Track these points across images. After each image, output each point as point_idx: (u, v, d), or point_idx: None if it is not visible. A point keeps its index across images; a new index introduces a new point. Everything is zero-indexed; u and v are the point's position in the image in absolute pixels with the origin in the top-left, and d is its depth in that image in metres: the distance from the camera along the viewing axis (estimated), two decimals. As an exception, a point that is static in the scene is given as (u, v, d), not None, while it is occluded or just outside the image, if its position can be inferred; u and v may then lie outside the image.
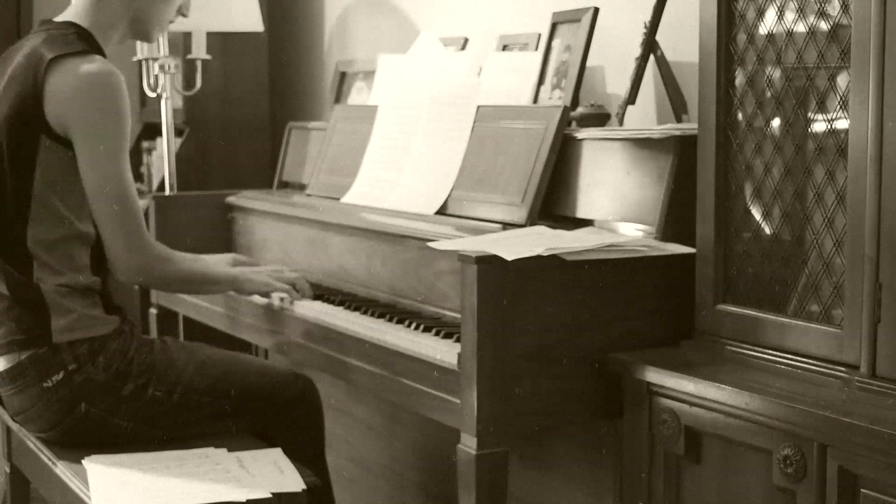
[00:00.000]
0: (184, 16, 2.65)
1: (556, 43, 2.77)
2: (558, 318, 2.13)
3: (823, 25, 1.91)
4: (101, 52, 2.44)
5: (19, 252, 2.40)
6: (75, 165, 2.36)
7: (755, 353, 2.04)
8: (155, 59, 3.65)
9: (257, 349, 3.57)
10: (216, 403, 2.48)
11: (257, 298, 2.79)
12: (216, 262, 2.78)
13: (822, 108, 1.92)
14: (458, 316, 2.15)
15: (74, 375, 2.38)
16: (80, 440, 2.40)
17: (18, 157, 2.38)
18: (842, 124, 1.88)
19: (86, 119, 2.35)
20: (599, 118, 2.64)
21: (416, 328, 2.34)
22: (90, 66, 2.35)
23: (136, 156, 4.53)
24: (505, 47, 3.00)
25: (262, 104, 4.33)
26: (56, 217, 2.40)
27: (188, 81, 3.87)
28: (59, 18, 2.49)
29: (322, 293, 2.73)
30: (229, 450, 2.37)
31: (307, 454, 2.45)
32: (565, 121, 2.48)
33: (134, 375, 2.41)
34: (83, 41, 2.42)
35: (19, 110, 2.37)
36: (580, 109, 2.65)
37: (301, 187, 3.39)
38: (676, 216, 2.22)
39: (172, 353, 2.49)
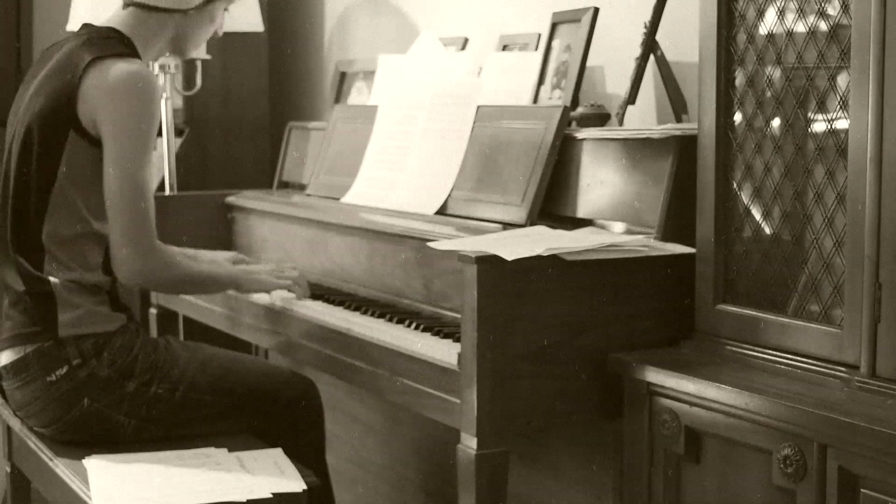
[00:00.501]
0: (217, 35, 2.68)
1: (556, 43, 2.77)
2: (558, 318, 2.13)
3: (823, 25, 1.91)
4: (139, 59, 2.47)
5: (33, 244, 2.42)
6: (101, 164, 2.38)
7: (755, 353, 2.04)
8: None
9: (257, 349, 3.57)
10: (217, 403, 2.48)
11: (257, 297, 2.79)
12: (216, 260, 2.78)
13: (822, 108, 1.92)
14: (458, 316, 2.15)
15: (78, 370, 2.38)
16: (82, 436, 2.41)
17: (46, 151, 2.40)
18: (842, 124, 1.88)
19: (116, 116, 2.37)
20: (599, 118, 2.64)
21: (416, 328, 2.34)
22: (128, 66, 2.39)
23: (137, 156, 4.54)
24: (505, 47, 3.01)
25: (262, 104, 4.33)
26: (74, 214, 2.41)
27: (188, 81, 3.87)
28: (100, 24, 2.52)
29: (322, 293, 2.73)
30: (229, 450, 2.37)
31: (307, 455, 2.45)
32: (565, 121, 2.48)
33: (137, 373, 2.42)
34: (124, 45, 2.45)
35: (53, 105, 2.40)
36: (580, 109, 2.65)
37: (301, 187, 3.39)
38: (676, 216, 2.22)
39: (175, 351, 2.50)
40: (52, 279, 2.41)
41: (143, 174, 2.38)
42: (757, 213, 2.07)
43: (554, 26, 2.79)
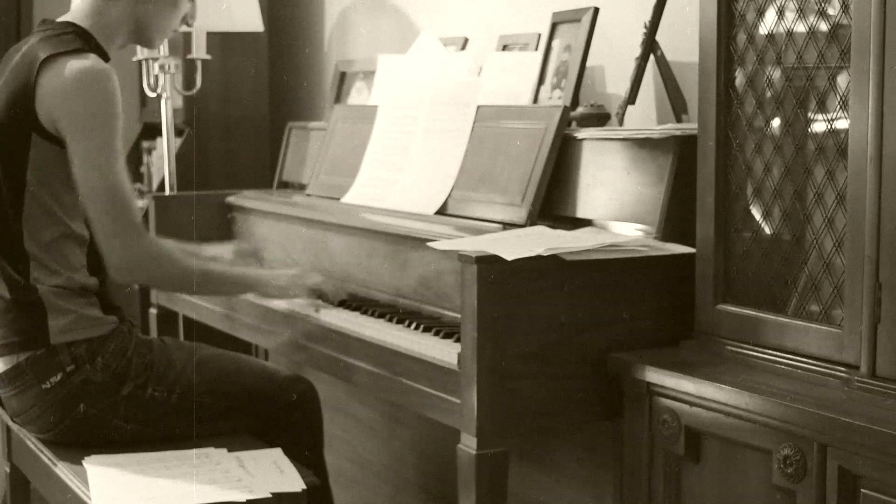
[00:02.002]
0: (188, 25, 2.64)
1: (556, 43, 2.77)
2: (558, 318, 2.13)
3: (823, 25, 1.91)
4: (100, 52, 2.43)
5: (16, 252, 2.40)
6: (67, 164, 2.36)
7: (755, 353, 2.04)
8: (155, 59, 3.66)
9: (257, 349, 3.57)
10: (215, 404, 2.47)
11: (265, 301, 2.76)
12: (217, 254, 2.77)
13: (822, 108, 1.92)
14: (458, 316, 2.15)
15: (73, 376, 2.38)
16: (80, 441, 2.40)
17: (11, 156, 2.38)
18: (842, 124, 1.88)
19: (75, 115, 2.34)
20: (599, 118, 2.65)
21: (417, 328, 2.34)
22: (81, 63, 2.35)
23: (136, 156, 4.54)
24: (505, 47, 3.01)
25: (262, 104, 4.33)
26: (50, 216, 2.39)
27: (188, 81, 3.87)
28: (60, 19, 2.48)
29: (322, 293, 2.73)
30: (229, 450, 2.37)
31: (306, 456, 2.45)
32: (565, 121, 2.48)
33: (132, 375, 2.41)
34: (80, 40, 2.41)
35: (12, 109, 2.37)
36: (580, 109, 2.65)
37: (301, 187, 3.39)
38: (676, 216, 2.22)
39: (171, 353, 2.48)
40: (39, 287, 2.38)
41: (113, 169, 2.35)
42: (757, 213, 2.07)
43: (554, 26, 2.79)
